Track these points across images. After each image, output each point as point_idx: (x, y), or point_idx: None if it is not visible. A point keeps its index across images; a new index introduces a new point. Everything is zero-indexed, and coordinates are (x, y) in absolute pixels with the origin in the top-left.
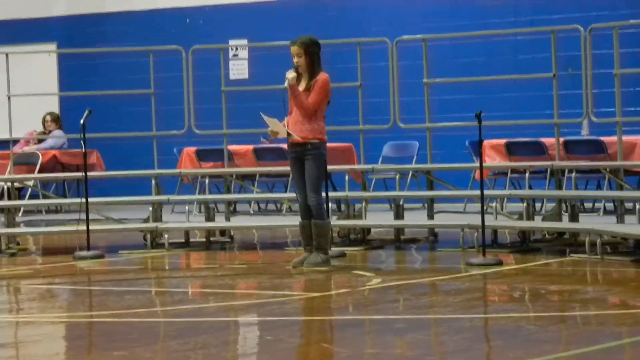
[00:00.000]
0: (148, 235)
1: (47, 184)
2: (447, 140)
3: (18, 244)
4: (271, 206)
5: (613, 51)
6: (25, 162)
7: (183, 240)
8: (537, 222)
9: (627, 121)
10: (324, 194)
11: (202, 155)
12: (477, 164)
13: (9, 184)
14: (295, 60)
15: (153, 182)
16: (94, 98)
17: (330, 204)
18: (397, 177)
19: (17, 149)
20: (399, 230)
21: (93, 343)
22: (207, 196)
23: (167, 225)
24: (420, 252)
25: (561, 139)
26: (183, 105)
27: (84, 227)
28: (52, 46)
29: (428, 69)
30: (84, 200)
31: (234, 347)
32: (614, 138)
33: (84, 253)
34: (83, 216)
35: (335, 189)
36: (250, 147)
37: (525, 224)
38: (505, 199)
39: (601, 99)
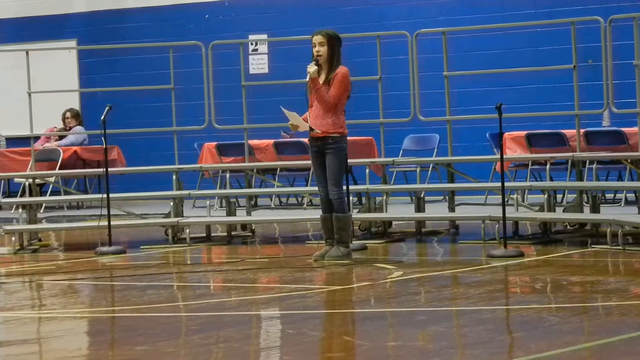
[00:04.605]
0: (169, 230)
1: (69, 180)
2: (468, 133)
3: (40, 240)
4: (292, 200)
5: (633, 42)
6: (47, 159)
7: (204, 235)
8: (558, 214)
9: None
10: (345, 188)
11: (222, 150)
12: (498, 156)
13: (30, 180)
14: (316, 49)
15: (174, 177)
16: (115, 94)
17: (351, 197)
18: (418, 169)
19: (38, 145)
20: (420, 223)
21: (115, 338)
22: (228, 191)
23: (189, 220)
24: (441, 245)
25: (582, 130)
26: (203, 100)
27: (106, 223)
28: (72, 43)
29: (448, 61)
30: (105, 196)
31: (256, 341)
32: (634, 129)
33: (105, 248)
34: (104, 212)
35: (356, 183)
36: (271, 141)
37: (546, 215)
38: (526, 191)
39: (622, 89)
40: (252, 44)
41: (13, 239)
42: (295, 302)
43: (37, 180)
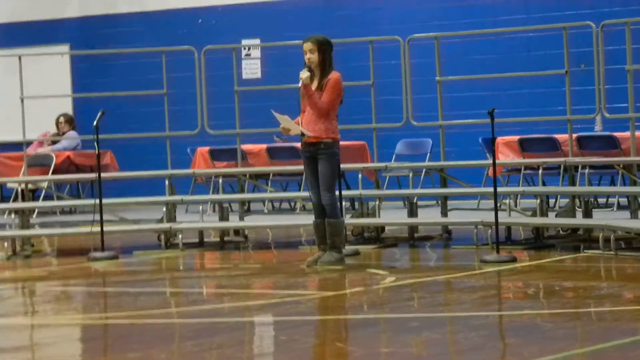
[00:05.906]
0: (162, 236)
1: (61, 185)
2: (461, 138)
3: (32, 245)
4: (285, 205)
5: (625, 47)
6: (39, 164)
7: (197, 240)
8: (551, 219)
9: None
10: (337, 193)
11: (215, 155)
12: (491, 161)
13: (23, 185)
14: (307, 56)
15: (167, 182)
16: (107, 99)
17: (344, 203)
18: (411, 174)
19: (30, 150)
20: (413, 228)
21: (108, 345)
22: (221, 196)
23: (181, 225)
24: (434, 250)
25: (574, 135)
26: (196, 105)
27: (98, 228)
28: (65, 47)
29: (440, 66)
30: (98, 201)
31: (249, 348)
32: (627, 133)
33: (98, 254)
34: (97, 217)
35: (348, 188)
36: (264, 146)
37: (538, 220)
38: (519, 196)
39: (614, 94)
40: (244, 48)
41: (5, 244)
42: (288, 309)
43: (30, 186)
